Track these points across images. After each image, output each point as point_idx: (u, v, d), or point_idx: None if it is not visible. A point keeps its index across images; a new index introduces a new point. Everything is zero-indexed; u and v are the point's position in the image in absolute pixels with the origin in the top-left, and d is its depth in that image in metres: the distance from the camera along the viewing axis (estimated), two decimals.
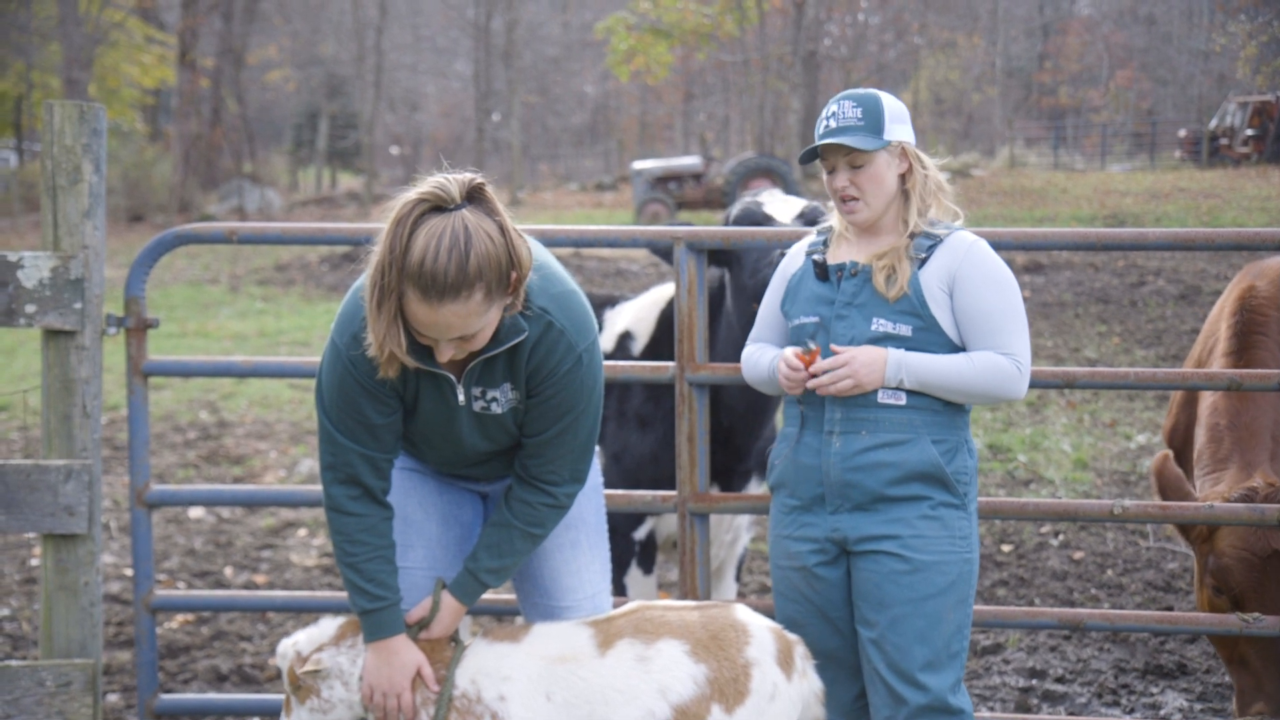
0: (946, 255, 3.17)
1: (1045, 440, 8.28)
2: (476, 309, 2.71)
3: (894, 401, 3.16)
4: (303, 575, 6.35)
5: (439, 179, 2.72)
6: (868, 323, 3.16)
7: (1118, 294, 14.12)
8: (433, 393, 2.95)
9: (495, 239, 2.69)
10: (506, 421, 2.99)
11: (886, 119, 3.18)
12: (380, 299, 2.70)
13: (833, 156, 3.20)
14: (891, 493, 3.15)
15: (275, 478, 8.02)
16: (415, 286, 2.66)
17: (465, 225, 2.67)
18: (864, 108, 3.17)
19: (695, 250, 3.96)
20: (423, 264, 2.64)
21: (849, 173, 3.18)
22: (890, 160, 3.19)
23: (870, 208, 3.20)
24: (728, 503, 3.99)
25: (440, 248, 2.64)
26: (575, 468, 3.04)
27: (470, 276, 2.66)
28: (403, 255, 2.66)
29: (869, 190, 3.18)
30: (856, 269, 3.20)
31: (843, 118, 3.17)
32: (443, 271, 2.64)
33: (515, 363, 2.91)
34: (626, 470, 4.31)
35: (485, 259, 2.67)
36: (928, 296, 3.14)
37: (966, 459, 3.21)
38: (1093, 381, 3.88)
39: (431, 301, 2.67)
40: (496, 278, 2.70)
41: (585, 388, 2.95)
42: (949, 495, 3.17)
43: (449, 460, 3.13)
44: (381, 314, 2.71)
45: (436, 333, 2.74)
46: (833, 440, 3.20)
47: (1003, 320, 3.13)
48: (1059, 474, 7.49)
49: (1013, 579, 6.04)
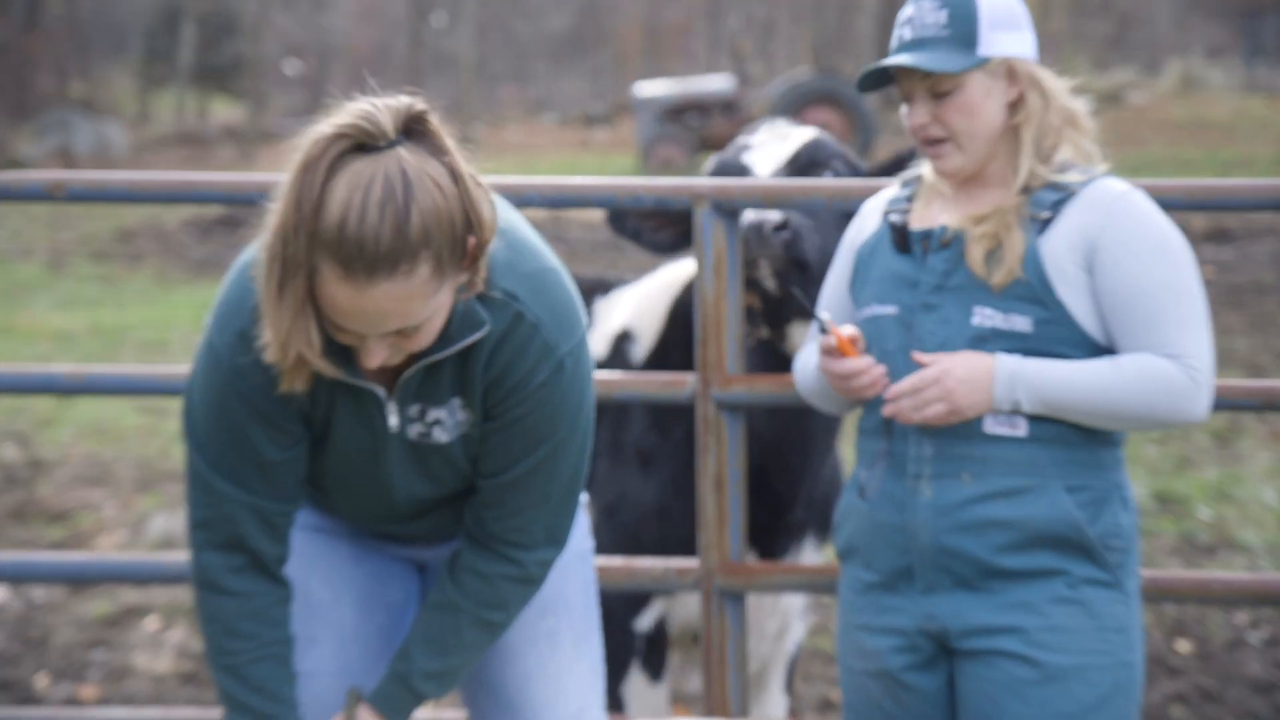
0: (1083, 213, 3.18)
1: (1238, 487, 8.27)
2: (421, 289, 2.73)
3: (1010, 432, 3.17)
4: (152, 687, 6.35)
5: (363, 106, 2.74)
6: (966, 314, 3.19)
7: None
8: (351, 415, 2.97)
9: (445, 188, 2.72)
10: (455, 455, 3.01)
11: (983, 24, 3.20)
12: (282, 279, 2.72)
13: (909, 81, 3.23)
14: (1009, 564, 3.17)
15: (113, 542, 8.03)
16: (334, 259, 2.68)
17: (403, 170, 2.69)
18: (950, 9, 3.20)
19: (725, 213, 3.98)
20: (344, 226, 2.66)
21: (931, 105, 3.21)
22: (990, 84, 3.22)
23: (965, 151, 3.22)
24: (772, 576, 4.01)
25: (369, 203, 2.66)
26: (552, 524, 3.06)
27: (412, 242, 2.68)
28: (315, 214, 2.68)
29: (960, 127, 3.21)
30: (948, 236, 3.23)
31: (920, 24, 3.21)
32: (373, 236, 2.66)
33: (469, 370, 2.93)
34: (624, 528, 4.34)
35: (433, 217, 2.70)
36: (1053, 274, 3.15)
37: (1120, 515, 3.22)
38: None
39: (358, 279, 2.69)
40: (448, 243, 2.73)
41: (568, 407, 2.97)
42: (1095, 568, 3.18)
43: (373, 514, 3.15)
44: (284, 300, 2.73)
45: (363, 326, 2.76)
46: (921, 488, 3.22)
47: (1168, 306, 3.14)
48: (1259, 537, 7.50)
49: (1194, 691, 6.04)
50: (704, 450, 3.98)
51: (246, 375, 2.90)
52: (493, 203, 2.82)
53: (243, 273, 2.91)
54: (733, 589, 4.00)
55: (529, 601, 3.13)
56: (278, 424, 2.95)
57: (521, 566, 3.05)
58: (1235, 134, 26.25)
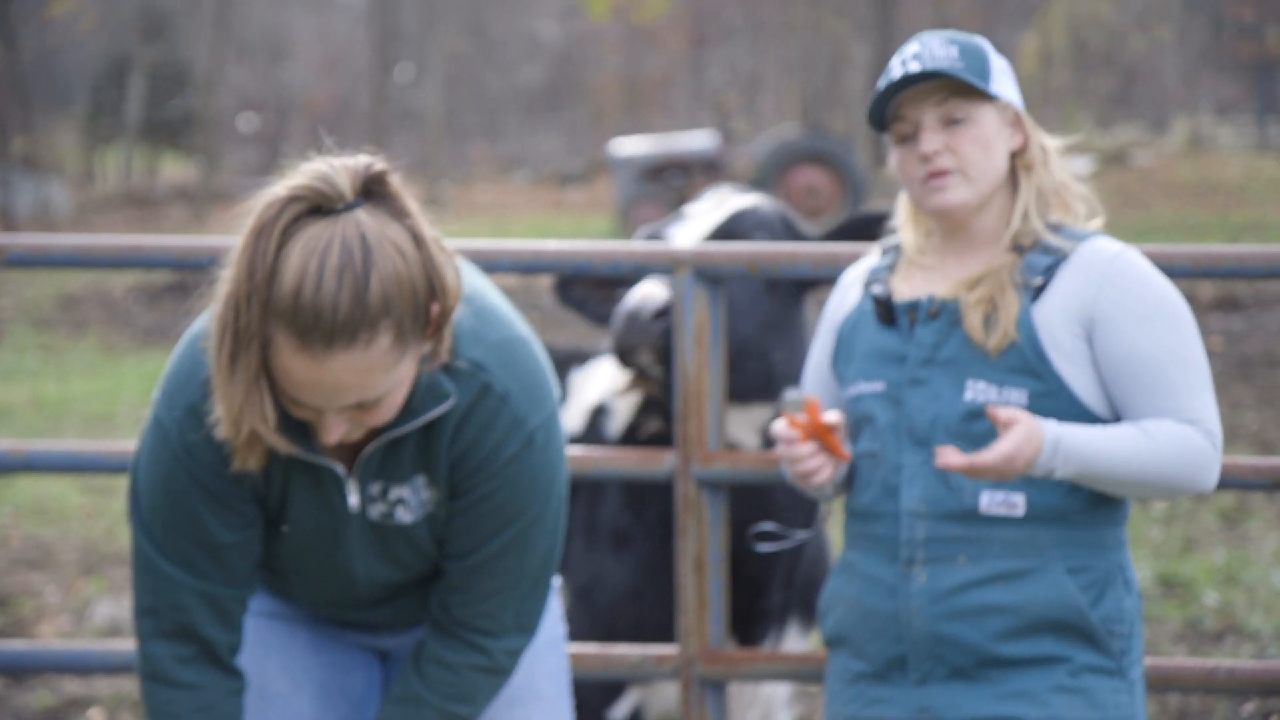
0: (1078, 279, 3.21)
1: (1247, 570, 8.29)
2: (381, 360, 2.74)
3: (1007, 512, 3.19)
4: None
5: (319, 166, 2.75)
6: (958, 389, 3.20)
7: None
8: (309, 494, 2.97)
9: (407, 253, 2.73)
10: (419, 536, 3.02)
11: (994, 68, 3.25)
12: (234, 350, 2.72)
13: (917, 110, 3.25)
14: (1009, 652, 3.18)
15: (55, 630, 8.00)
16: (289, 329, 2.69)
17: (362, 234, 2.70)
18: (961, 47, 3.24)
19: (708, 280, 4.01)
20: (299, 294, 2.67)
21: (942, 133, 3.23)
22: (1000, 124, 3.26)
23: (973, 184, 3.23)
24: (756, 664, 4.01)
25: (326, 269, 2.67)
26: (522, 610, 3.06)
27: (372, 310, 2.69)
28: (268, 282, 2.69)
29: (973, 157, 3.22)
30: (937, 307, 3.25)
31: (930, 56, 3.22)
32: (330, 304, 2.67)
33: (434, 445, 2.94)
34: (598, 613, 4.34)
35: (393, 283, 2.70)
36: (1048, 345, 3.18)
37: (1123, 598, 3.24)
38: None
39: (314, 350, 2.69)
40: (410, 312, 2.74)
41: (539, 484, 2.98)
42: (1098, 655, 3.20)
43: (332, 599, 3.15)
44: (236, 373, 2.73)
45: (321, 399, 2.76)
46: (915, 572, 3.23)
47: (1176, 371, 3.16)
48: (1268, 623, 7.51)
49: None
50: (683, 531, 3.99)
51: (196, 453, 2.90)
52: (457, 268, 2.83)
53: (193, 344, 2.91)
54: (714, 677, 4.00)
55: (497, 693, 3.12)
56: (230, 505, 2.95)
57: (489, 655, 3.05)
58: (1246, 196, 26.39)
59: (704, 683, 4.00)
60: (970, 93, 3.21)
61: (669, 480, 4.03)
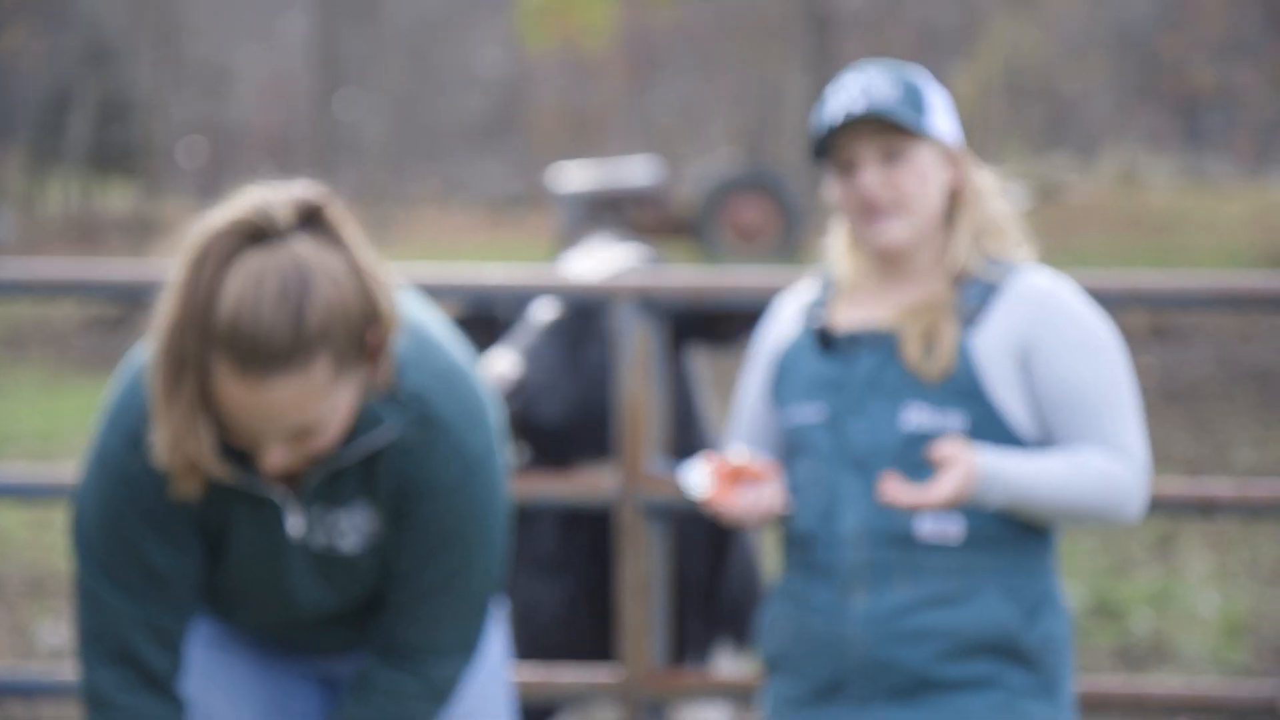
0: (1014, 309, 3.24)
1: (1177, 594, 8.34)
2: (320, 387, 2.73)
3: (944, 536, 3.20)
4: None
5: (257, 196, 2.74)
6: (897, 416, 3.22)
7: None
8: (251, 522, 2.96)
9: (344, 282, 2.73)
10: (362, 565, 3.01)
11: (931, 103, 3.27)
12: (173, 378, 2.72)
13: (853, 145, 3.26)
14: (945, 674, 3.20)
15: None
16: (227, 356, 2.68)
17: (299, 263, 2.70)
18: (899, 79, 3.26)
19: (650, 309, 4.02)
20: (237, 322, 2.67)
21: (881, 169, 3.25)
22: (937, 160, 3.28)
23: (911, 221, 3.25)
24: (700, 685, 4.02)
25: (263, 296, 2.67)
26: (464, 635, 3.05)
27: (310, 337, 2.69)
28: (206, 310, 2.68)
29: (914, 191, 3.24)
30: (876, 335, 3.26)
31: (869, 92, 3.24)
32: (268, 331, 2.66)
33: (375, 474, 2.93)
34: (533, 637, 4.33)
35: (330, 312, 2.70)
36: (985, 372, 3.20)
37: (1054, 622, 3.26)
38: (1248, 505, 3.95)
39: (252, 378, 2.69)
40: (348, 340, 2.74)
41: (480, 511, 2.98)
42: (1032, 677, 3.22)
43: (274, 626, 3.14)
44: (175, 401, 2.72)
45: (259, 427, 2.75)
46: (854, 596, 3.24)
47: (1109, 401, 3.20)
48: (1199, 646, 7.55)
49: None
50: (624, 556, 3.99)
51: (137, 481, 2.89)
52: (396, 296, 2.83)
53: (133, 372, 2.91)
54: (655, 700, 4.00)
55: (439, 718, 3.11)
56: (171, 533, 2.93)
57: (430, 680, 3.04)
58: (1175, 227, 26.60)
59: (646, 706, 4.00)
60: (907, 130, 3.23)
61: (610, 506, 4.03)
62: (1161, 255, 22.75)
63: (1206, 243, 24.16)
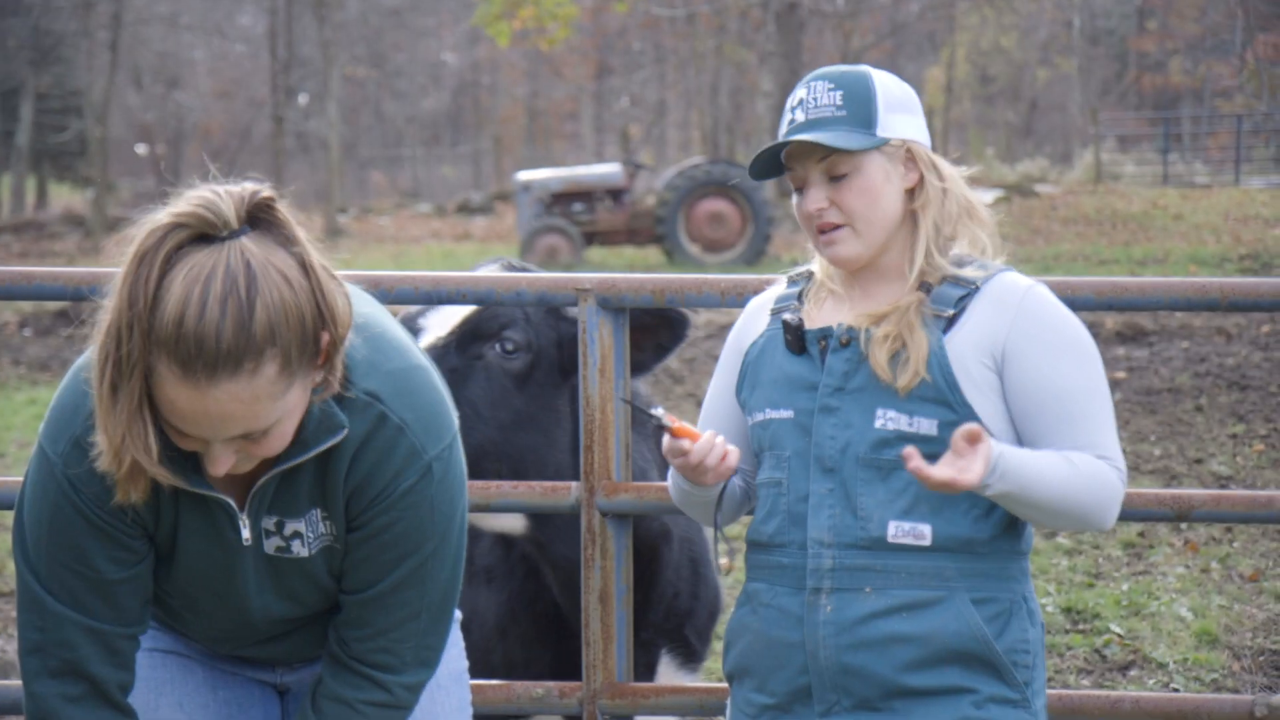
0: (989, 312, 3.24)
1: (1151, 601, 8.37)
2: (268, 390, 2.72)
3: (914, 541, 3.20)
4: None
5: (203, 193, 2.73)
6: (868, 417, 3.22)
7: (1261, 377, 14.38)
8: (201, 527, 2.95)
9: (294, 281, 2.72)
10: (316, 570, 3.00)
11: (880, 107, 3.26)
12: (115, 380, 2.70)
13: (801, 165, 3.28)
14: (914, 683, 3.19)
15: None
16: (172, 358, 2.67)
17: (246, 262, 2.69)
18: (844, 90, 3.26)
19: (611, 309, 4.01)
20: (182, 322, 2.65)
21: (827, 189, 3.26)
22: (889, 167, 3.28)
23: (862, 237, 3.26)
24: (661, 698, 4.01)
25: (209, 296, 2.65)
26: (422, 645, 3.04)
27: (257, 339, 2.67)
28: (150, 310, 2.67)
29: (859, 210, 3.25)
30: (848, 335, 3.27)
31: (814, 106, 3.26)
32: (213, 333, 2.65)
33: (329, 477, 2.92)
34: (473, 646, 4.33)
35: (279, 312, 2.69)
36: (960, 375, 3.20)
37: (1027, 628, 3.26)
38: (1223, 511, 3.95)
39: (197, 380, 2.67)
40: (298, 341, 2.72)
41: (438, 516, 2.97)
42: (1003, 686, 3.21)
43: (228, 634, 3.12)
44: (118, 403, 2.71)
45: (206, 430, 2.74)
46: (821, 602, 3.23)
47: (1086, 405, 3.21)
48: (1174, 654, 7.58)
49: None
50: (588, 563, 3.99)
51: (82, 487, 2.87)
52: (348, 296, 2.81)
53: (78, 376, 2.89)
54: (618, 711, 4.00)
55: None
56: (117, 540, 2.92)
57: (389, 691, 3.03)
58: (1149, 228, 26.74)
59: (609, 717, 4.00)
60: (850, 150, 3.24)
61: (574, 512, 4.02)
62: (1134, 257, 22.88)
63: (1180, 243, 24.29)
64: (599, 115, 48.53)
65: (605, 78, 46.39)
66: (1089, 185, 35.32)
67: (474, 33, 42.41)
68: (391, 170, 51.89)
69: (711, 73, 39.21)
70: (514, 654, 4.30)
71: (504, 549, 4.34)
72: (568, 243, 24.71)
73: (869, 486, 3.19)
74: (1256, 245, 23.55)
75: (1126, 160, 39.34)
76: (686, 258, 24.74)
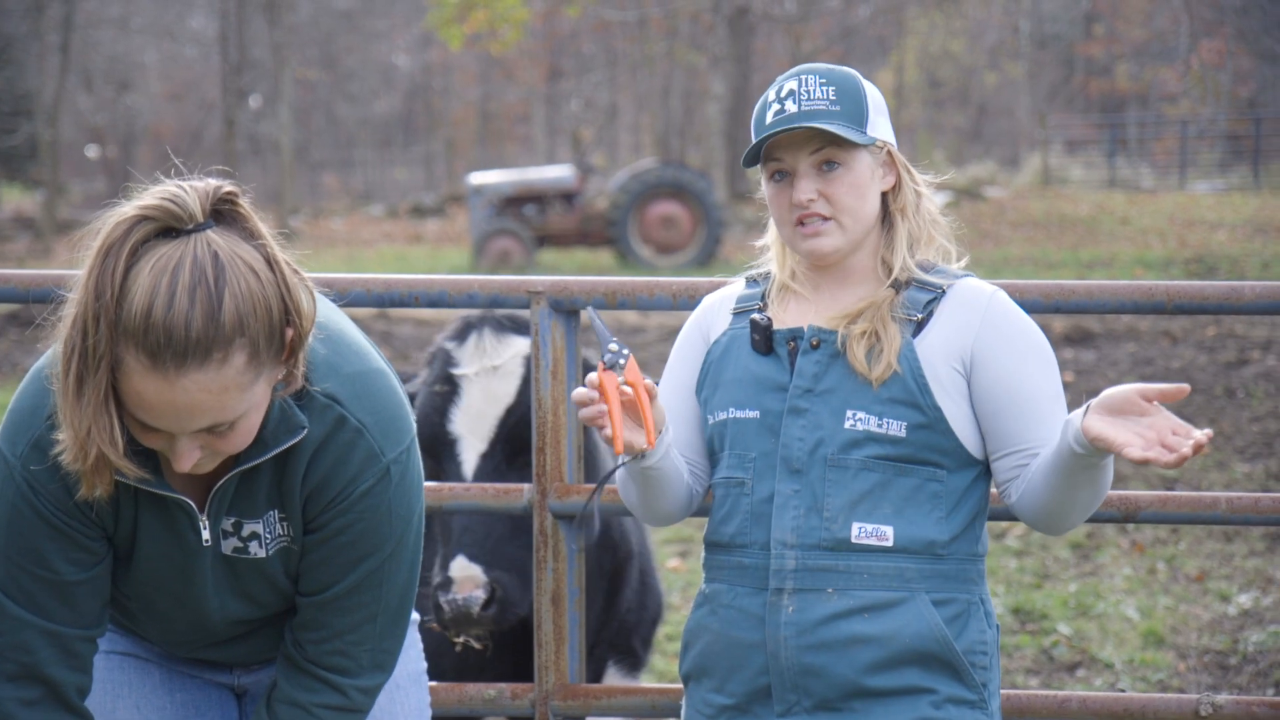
0: (957, 315, 3.26)
1: (1098, 602, 8.41)
2: (236, 381, 2.71)
3: (876, 542, 3.21)
4: None
5: (168, 187, 2.73)
6: (839, 418, 3.23)
7: (1206, 379, 14.47)
8: (160, 528, 2.94)
9: (260, 273, 2.72)
10: (274, 571, 2.99)
11: (870, 108, 3.28)
12: (81, 373, 2.68)
13: (792, 155, 3.27)
14: (874, 683, 3.20)
15: None
16: (140, 348, 2.66)
17: (214, 253, 2.68)
18: (836, 87, 3.27)
19: (564, 311, 4.02)
20: (150, 312, 2.64)
21: (816, 179, 3.26)
22: (874, 167, 3.30)
23: (846, 232, 3.27)
24: (613, 698, 4.02)
25: (177, 287, 2.65)
26: (379, 648, 3.04)
27: (226, 329, 2.67)
28: (117, 302, 2.66)
29: (848, 204, 3.25)
30: (819, 338, 3.28)
31: (807, 98, 3.25)
32: (183, 322, 2.64)
33: (288, 478, 2.92)
34: None
35: (247, 302, 2.69)
36: (931, 377, 3.22)
37: (984, 629, 3.27)
38: (1169, 512, 3.98)
39: (166, 371, 2.66)
40: (265, 332, 2.72)
41: (395, 518, 2.96)
42: (962, 687, 3.23)
43: (186, 636, 3.12)
44: (84, 396, 2.69)
45: (173, 422, 2.73)
46: (783, 603, 3.24)
47: (1051, 406, 3.24)
48: (1120, 654, 7.62)
49: None
50: (540, 564, 3.99)
51: (40, 485, 2.86)
52: (312, 292, 2.81)
53: (39, 377, 2.87)
54: (571, 712, 4.00)
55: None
56: (76, 541, 2.90)
57: (345, 694, 3.03)
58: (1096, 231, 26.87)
59: (560, 717, 4.00)
60: (846, 139, 3.24)
61: (526, 513, 4.02)
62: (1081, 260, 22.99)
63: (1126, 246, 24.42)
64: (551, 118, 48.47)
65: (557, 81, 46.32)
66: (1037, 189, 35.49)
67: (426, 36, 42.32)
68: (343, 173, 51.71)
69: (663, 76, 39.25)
70: (468, 664, 4.30)
71: None
72: (520, 245, 24.68)
73: (836, 487, 3.20)
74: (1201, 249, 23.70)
75: (1074, 164, 39.53)
76: (638, 260, 24.75)
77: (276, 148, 37.37)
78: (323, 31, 44.23)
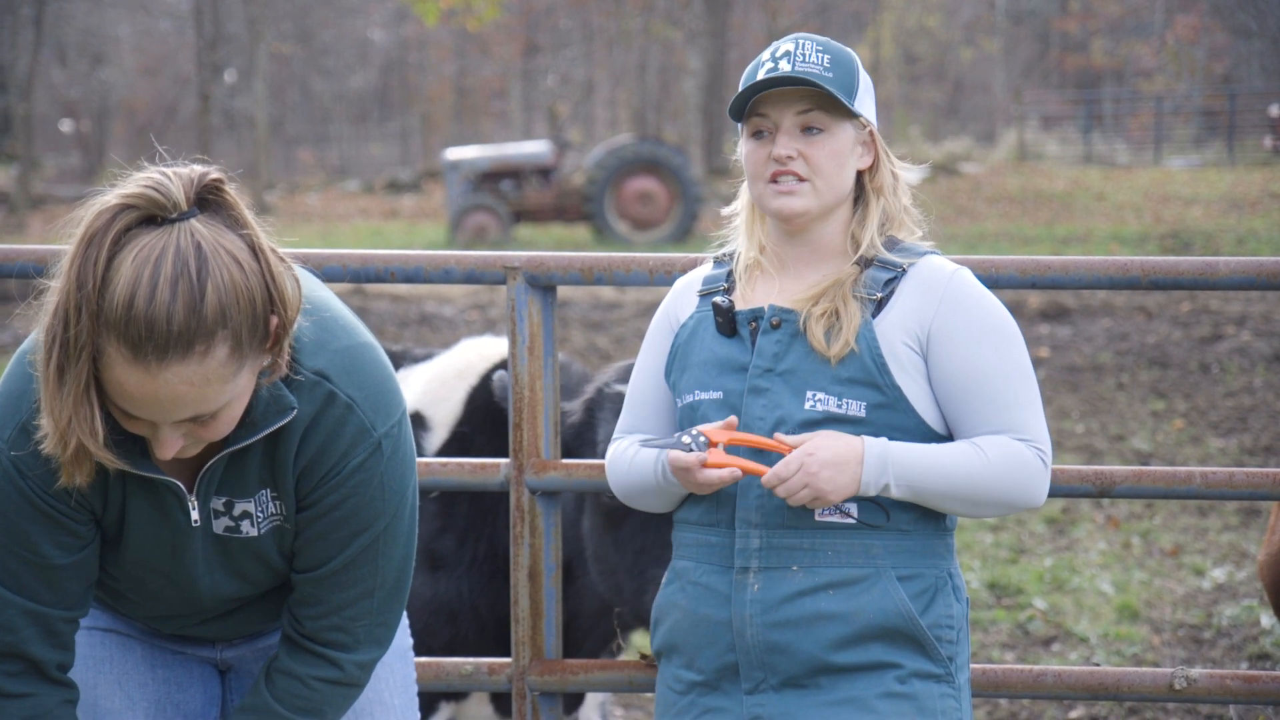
0: (915, 296, 3.27)
1: (1074, 577, 8.44)
2: (218, 372, 2.71)
3: (841, 520, 3.22)
4: None
5: (152, 174, 2.72)
6: (799, 398, 3.24)
7: (1181, 354, 14.52)
8: (149, 509, 2.94)
9: (244, 263, 2.71)
10: (267, 550, 3.00)
11: (861, 87, 3.30)
12: (62, 362, 2.68)
13: (778, 112, 3.28)
14: (839, 660, 3.22)
15: None
16: (121, 340, 2.65)
17: (196, 244, 2.67)
18: (832, 56, 3.29)
19: (540, 287, 4.01)
20: (132, 304, 2.64)
21: (799, 139, 3.27)
22: (855, 143, 3.31)
23: (819, 196, 3.28)
24: (590, 674, 4.02)
25: (159, 278, 2.64)
26: (376, 623, 3.05)
27: (208, 322, 2.66)
28: (99, 292, 2.65)
29: (826, 168, 3.27)
30: (779, 317, 3.28)
31: (802, 59, 3.26)
32: (164, 315, 2.64)
33: (279, 457, 2.92)
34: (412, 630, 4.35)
35: (230, 294, 2.68)
36: (889, 356, 3.23)
37: (952, 604, 3.29)
38: (1144, 487, 3.99)
39: (147, 363, 2.66)
40: (248, 323, 2.71)
41: (389, 493, 2.97)
42: (927, 662, 3.25)
43: (173, 614, 3.12)
44: (64, 386, 2.69)
45: (155, 413, 2.73)
46: (748, 580, 3.25)
47: (1010, 388, 3.24)
48: (1095, 628, 7.66)
49: None
50: (517, 540, 3.99)
51: (26, 469, 2.85)
52: (297, 279, 2.80)
53: (20, 363, 2.87)
54: (548, 687, 4.00)
55: (349, 705, 3.11)
56: (64, 525, 2.90)
57: (341, 669, 3.04)
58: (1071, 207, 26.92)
59: (538, 693, 4.00)
60: (834, 106, 3.25)
61: (503, 489, 4.02)
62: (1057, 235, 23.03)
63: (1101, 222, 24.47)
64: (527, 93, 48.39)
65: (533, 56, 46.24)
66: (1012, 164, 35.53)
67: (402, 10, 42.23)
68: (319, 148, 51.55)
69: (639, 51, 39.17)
70: (459, 642, 4.30)
71: (456, 541, 4.34)
72: (496, 221, 24.66)
73: None
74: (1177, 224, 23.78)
75: (1049, 140, 39.59)
76: (614, 236, 24.75)
77: (251, 122, 37.25)
78: (298, 6, 44.08)
